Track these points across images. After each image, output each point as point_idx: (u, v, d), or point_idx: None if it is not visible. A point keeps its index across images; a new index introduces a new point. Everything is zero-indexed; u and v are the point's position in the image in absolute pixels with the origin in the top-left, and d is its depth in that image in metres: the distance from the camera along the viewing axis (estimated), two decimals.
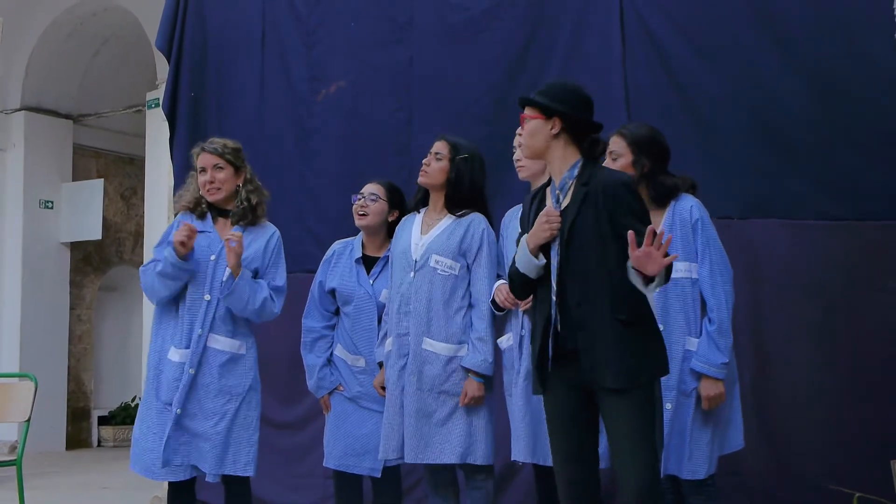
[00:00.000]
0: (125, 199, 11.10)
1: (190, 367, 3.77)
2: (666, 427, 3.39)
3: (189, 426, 3.75)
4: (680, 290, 3.48)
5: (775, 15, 4.48)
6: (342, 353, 4.10)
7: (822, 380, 4.24)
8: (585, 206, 2.98)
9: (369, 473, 3.98)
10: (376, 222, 4.11)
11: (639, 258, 2.76)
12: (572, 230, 2.98)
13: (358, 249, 4.16)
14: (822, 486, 3.92)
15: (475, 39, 5.06)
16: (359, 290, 4.07)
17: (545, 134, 3.06)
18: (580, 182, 3.01)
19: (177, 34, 5.75)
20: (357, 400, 4.05)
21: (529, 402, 3.62)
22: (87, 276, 10.69)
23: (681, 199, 3.54)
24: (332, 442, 4.07)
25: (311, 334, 4.17)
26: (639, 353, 2.93)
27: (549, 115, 3.05)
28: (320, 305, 4.17)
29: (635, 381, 2.90)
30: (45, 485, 7.22)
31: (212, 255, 3.85)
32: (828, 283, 4.29)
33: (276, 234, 3.99)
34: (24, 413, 4.91)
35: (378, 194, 4.12)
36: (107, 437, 10.73)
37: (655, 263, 2.75)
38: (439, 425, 3.73)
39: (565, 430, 3.02)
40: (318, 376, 4.11)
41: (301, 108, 5.51)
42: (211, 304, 3.83)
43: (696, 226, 3.49)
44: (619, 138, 3.56)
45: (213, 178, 3.89)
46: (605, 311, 2.92)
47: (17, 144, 10.01)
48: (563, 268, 2.99)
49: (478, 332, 3.78)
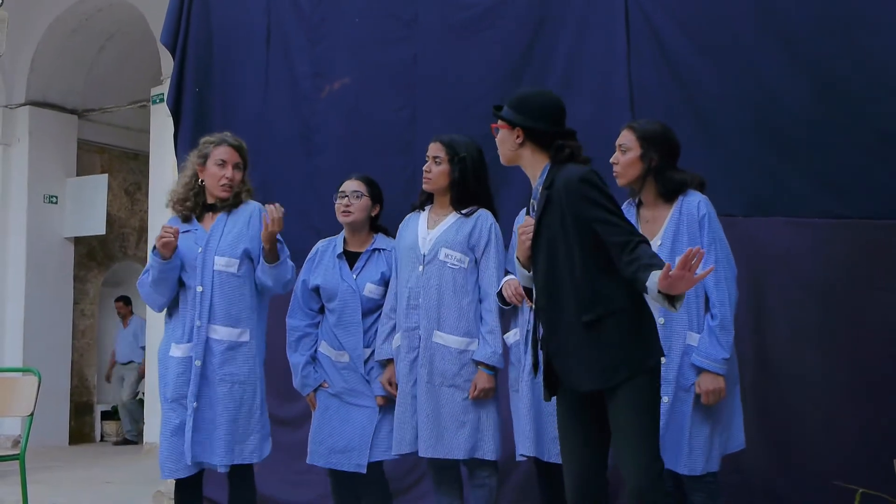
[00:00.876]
0: (129, 194, 11.12)
1: (196, 358, 3.80)
2: (663, 419, 3.40)
3: (202, 418, 3.78)
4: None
5: (778, 14, 4.48)
6: (326, 350, 4.12)
7: (823, 378, 4.24)
8: (549, 209, 2.99)
9: (355, 470, 3.99)
10: (361, 218, 4.14)
11: (672, 283, 2.67)
12: (538, 236, 3.01)
13: (340, 245, 4.19)
14: (824, 484, 3.92)
15: (479, 37, 5.06)
16: (342, 285, 4.09)
17: (511, 143, 3.14)
18: (544, 186, 3.04)
19: (181, 30, 5.76)
20: (341, 396, 4.07)
21: (534, 398, 3.63)
22: (90, 271, 10.71)
23: (688, 194, 3.55)
24: (317, 439, 4.09)
25: (294, 333, 4.20)
26: (612, 352, 2.89)
27: (512, 126, 3.12)
28: (304, 304, 4.20)
29: (612, 381, 2.88)
30: (48, 479, 7.24)
31: (199, 247, 3.88)
32: (830, 282, 4.29)
33: (257, 208, 4.00)
34: (27, 408, 4.92)
35: (361, 191, 4.14)
36: (110, 432, 10.76)
37: (687, 283, 2.69)
38: (450, 420, 3.75)
39: (574, 429, 3.02)
40: (302, 374, 4.14)
41: (305, 105, 5.51)
42: (205, 295, 3.85)
43: (703, 221, 3.49)
44: (629, 132, 3.58)
45: (232, 177, 3.93)
46: (571, 315, 2.92)
47: (22, 139, 10.02)
48: (534, 274, 3.04)
49: (487, 325, 3.80)
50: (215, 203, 3.97)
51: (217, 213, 3.96)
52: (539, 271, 3.02)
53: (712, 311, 3.46)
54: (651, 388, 2.93)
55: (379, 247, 4.16)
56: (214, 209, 3.97)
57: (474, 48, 5.06)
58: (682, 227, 3.48)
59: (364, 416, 4.00)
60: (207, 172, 3.95)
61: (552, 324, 2.98)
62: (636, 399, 2.89)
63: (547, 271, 2.99)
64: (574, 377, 2.93)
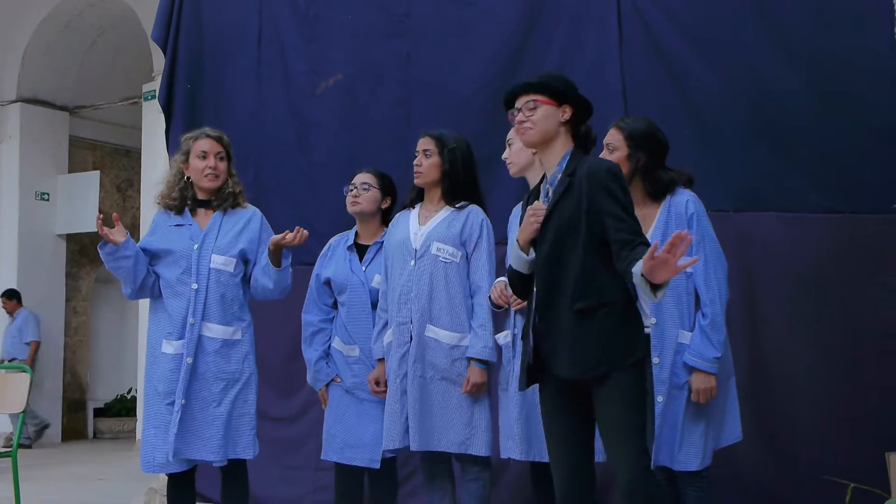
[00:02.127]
0: (121, 191, 11.10)
1: (188, 356, 3.79)
2: (658, 419, 3.41)
3: (191, 415, 3.77)
4: (674, 284, 3.46)
5: (772, 8, 4.49)
6: (338, 345, 4.12)
7: (815, 372, 4.26)
8: (567, 195, 2.98)
9: (368, 465, 3.99)
10: (370, 209, 4.15)
11: (654, 266, 2.65)
12: (548, 220, 2.99)
13: (351, 238, 4.20)
14: (817, 479, 3.94)
15: (472, 34, 5.06)
16: (352, 277, 4.10)
17: (556, 120, 3.07)
18: (566, 173, 3.02)
19: (173, 25, 5.73)
20: (353, 391, 4.06)
21: (525, 401, 3.62)
22: (82, 267, 10.70)
23: (677, 193, 3.55)
24: (332, 435, 4.08)
25: (309, 328, 4.19)
26: (597, 344, 2.89)
27: (561, 102, 3.06)
28: (318, 299, 4.20)
29: (592, 372, 2.89)
30: (41, 476, 7.24)
31: (195, 244, 3.87)
32: (822, 277, 4.31)
33: (257, 213, 4.03)
34: (19, 405, 4.91)
35: (370, 183, 4.15)
36: (102, 428, 10.75)
37: (669, 271, 2.65)
38: (443, 414, 3.75)
39: (559, 424, 3.02)
40: (315, 369, 4.13)
41: (300, 102, 5.50)
42: (199, 293, 3.84)
43: (692, 220, 3.49)
44: (617, 131, 3.57)
45: (215, 166, 3.93)
46: (566, 300, 2.93)
47: (13, 136, 10.00)
48: (537, 258, 3.02)
49: (479, 319, 3.80)
50: (209, 200, 3.96)
51: (211, 210, 3.96)
52: (542, 255, 3.00)
53: (703, 309, 3.46)
54: (636, 384, 2.93)
55: None
56: (208, 206, 3.96)
57: (468, 44, 5.06)
58: (670, 226, 3.48)
59: (376, 411, 3.98)
60: (191, 167, 3.96)
61: (546, 307, 2.98)
62: (621, 394, 2.89)
63: (550, 255, 2.98)
64: (557, 361, 2.94)
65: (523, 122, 3.07)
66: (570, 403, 3.01)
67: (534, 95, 3.07)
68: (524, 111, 3.08)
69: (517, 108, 3.11)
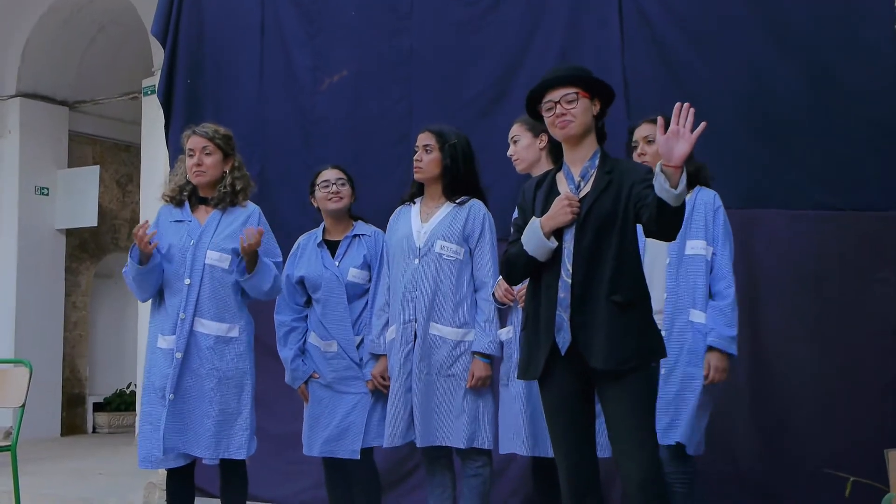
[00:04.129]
0: (121, 186, 11.07)
1: (177, 351, 3.79)
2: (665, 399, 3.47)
3: (182, 410, 3.77)
4: (694, 267, 3.59)
5: (773, 5, 4.49)
6: (315, 341, 4.14)
7: (816, 368, 4.27)
8: (606, 192, 2.98)
9: (350, 456, 4.01)
10: (347, 205, 4.18)
11: (667, 140, 2.67)
12: (589, 214, 2.98)
13: (320, 235, 4.21)
14: (816, 474, 3.95)
15: (475, 30, 5.07)
16: (326, 273, 4.10)
17: (591, 114, 3.07)
18: (603, 170, 3.02)
19: (172, 21, 5.73)
20: (332, 385, 4.08)
21: (530, 396, 3.62)
22: (82, 262, 10.67)
23: (702, 190, 3.67)
24: (312, 431, 4.10)
25: (282, 328, 4.21)
26: (632, 337, 2.92)
27: (593, 96, 3.06)
28: (290, 299, 4.21)
29: (626, 364, 2.90)
30: (40, 471, 7.23)
31: (191, 240, 3.87)
32: (823, 273, 4.32)
33: (256, 211, 4.01)
34: (18, 399, 4.91)
35: (344, 178, 4.19)
36: (102, 423, 10.73)
37: (685, 141, 2.67)
38: (449, 409, 3.77)
39: (564, 418, 3.03)
40: (292, 367, 4.15)
41: (303, 97, 5.51)
42: (192, 288, 3.84)
43: (718, 213, 3.63)
44: (651, 125, 3.61)
45: (200, 161, 3.91)
46: (604, 292, 2.93)
47: (13, 131, 9.97)
48: (576, 250, 2.97)
49: (484, 314, 3.82)
50: (210, 198, 3.95)
51: (211, 207, 3.95)
52: (583, 248, 2.97)
53: (723, 291, 3.56)
54: (650, 384, 3.00)
55: (359, 233, 4.19)
56: (208, 203, 3.96)
57: (470, 41, 5.07)
58: (697, 213, 3.60)
59: (356, 402, 4.02)
60: (186, 165, 3.96)
61: (583, 298, 2.95)
62: (641, 389, 2.92)
63: (591, 248, 2.96)
64: (593, 352, 2.91)
65: (563, 115, 3.02)
66: (575, 396, 3.02)
67: (573, 88, 3.03)
68: (562, 104, 3.03)
69: (553, 101, 3.05)
